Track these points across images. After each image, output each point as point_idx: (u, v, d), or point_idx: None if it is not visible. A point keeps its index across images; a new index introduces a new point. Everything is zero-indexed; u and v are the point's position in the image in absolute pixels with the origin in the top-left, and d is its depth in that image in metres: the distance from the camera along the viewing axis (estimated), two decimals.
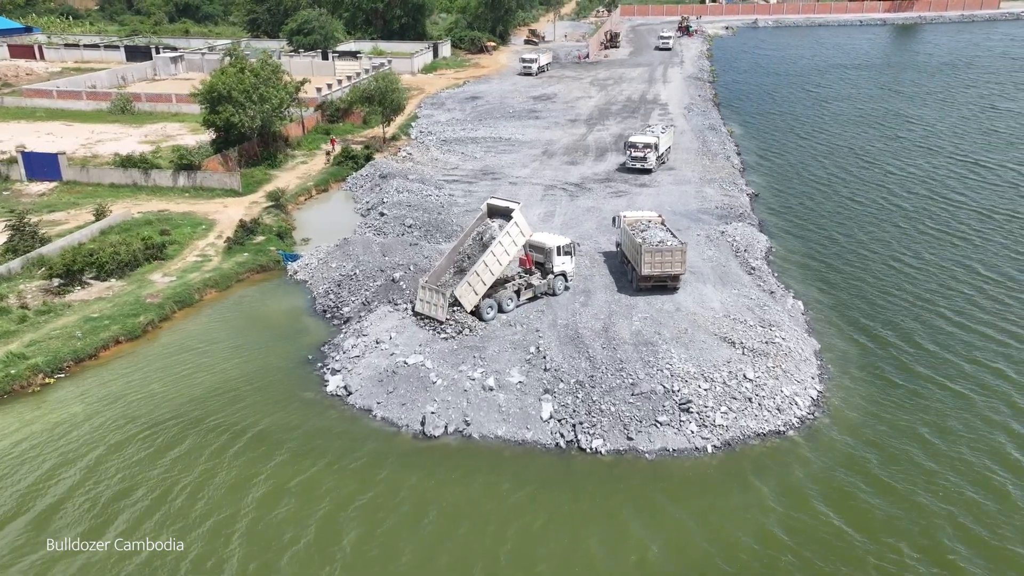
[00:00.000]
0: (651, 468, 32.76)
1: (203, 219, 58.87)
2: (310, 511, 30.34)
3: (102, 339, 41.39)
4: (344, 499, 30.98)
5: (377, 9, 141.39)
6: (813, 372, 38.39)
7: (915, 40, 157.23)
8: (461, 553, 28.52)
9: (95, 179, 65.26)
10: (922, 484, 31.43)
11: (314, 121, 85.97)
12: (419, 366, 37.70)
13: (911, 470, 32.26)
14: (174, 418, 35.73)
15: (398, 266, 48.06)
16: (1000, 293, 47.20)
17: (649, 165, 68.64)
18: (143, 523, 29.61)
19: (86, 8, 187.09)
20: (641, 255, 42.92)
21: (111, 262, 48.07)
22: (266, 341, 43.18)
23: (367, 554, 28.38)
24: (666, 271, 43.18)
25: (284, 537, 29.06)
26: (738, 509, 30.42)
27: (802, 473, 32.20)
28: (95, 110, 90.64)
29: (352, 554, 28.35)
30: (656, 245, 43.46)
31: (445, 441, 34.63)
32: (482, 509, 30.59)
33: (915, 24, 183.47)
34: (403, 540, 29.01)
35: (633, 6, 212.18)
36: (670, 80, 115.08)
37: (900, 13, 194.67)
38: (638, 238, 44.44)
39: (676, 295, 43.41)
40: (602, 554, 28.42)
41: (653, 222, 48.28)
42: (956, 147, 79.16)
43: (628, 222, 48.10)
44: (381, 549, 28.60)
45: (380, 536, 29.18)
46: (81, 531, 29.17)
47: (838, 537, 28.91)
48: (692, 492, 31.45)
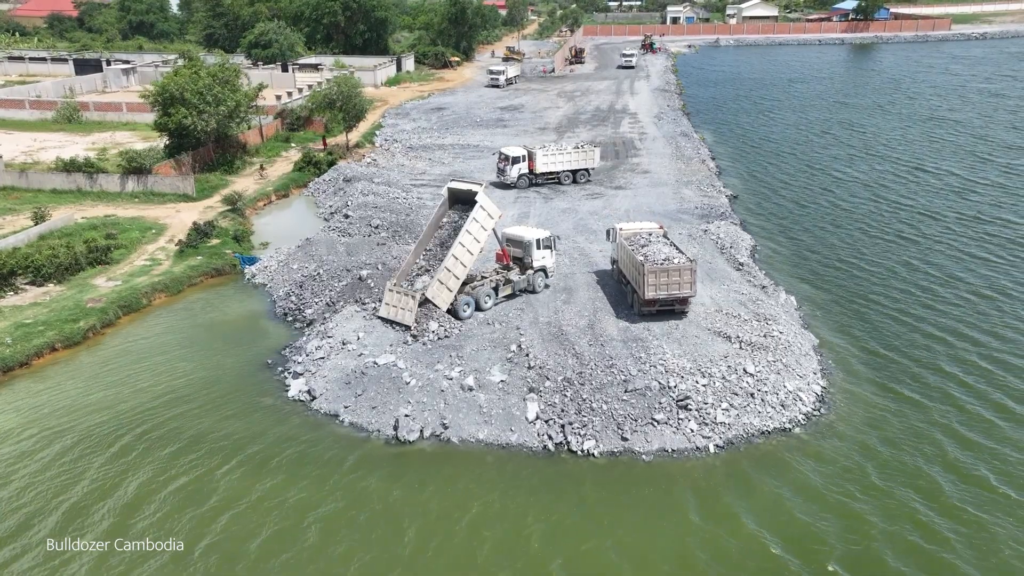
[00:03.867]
0: (649, 470, 29.71)
1: (153, 223, 54.93)
2: (265, 526, 26.72)
3: (35, 346, 37.33)
4: (305, 512, 27.42)
5: (338, 24, 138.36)
6: (815, 367, 35.79)
7: (869, 58, 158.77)
8: (440, 570, 25.11)
9: (35, 184, 60.93)
10: (949, 480, 28.84)
11: (274, 129, 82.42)
12: (390, 366, 34.34)
13: (927, 469, 29.69)
14: (114, 429, 31.88)
15: (365, 265, 44.73)
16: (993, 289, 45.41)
17: (507, 179, 62.69)
18: (70, 535, 25.72)
19: (34, 26, 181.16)
20: (644, 276, 36.47)
21: (48, 265, 43.98)
22: (221, 346, 39.47)
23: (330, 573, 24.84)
24: (673, 293, 36.72)
25: (235, 557, 25.35)
26: (747, 512, 27.47)
27: (814, 473, 29.40)
28: (39, 119, 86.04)
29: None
30: (661, 264, 36.92)
31: (421, 446, 31.26)
32: (463, 520, 27.20)
33: (871, 44, 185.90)
34: (372, 557, 25.50)
35: (596, 26, 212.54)
36: (638, 92, 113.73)
37: (857, 33, 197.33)
38: (639, 255, 38.05)
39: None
40: (599, 568, 25.24)
41: (655, 235, 41.48)
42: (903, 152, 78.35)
43: (625, 235, 41.02)
44: (347, 568, 25.06)
45: (344, 554, 25.65)
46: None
47: (857, 541, 26.10)
48: (696, 496, 28.42)
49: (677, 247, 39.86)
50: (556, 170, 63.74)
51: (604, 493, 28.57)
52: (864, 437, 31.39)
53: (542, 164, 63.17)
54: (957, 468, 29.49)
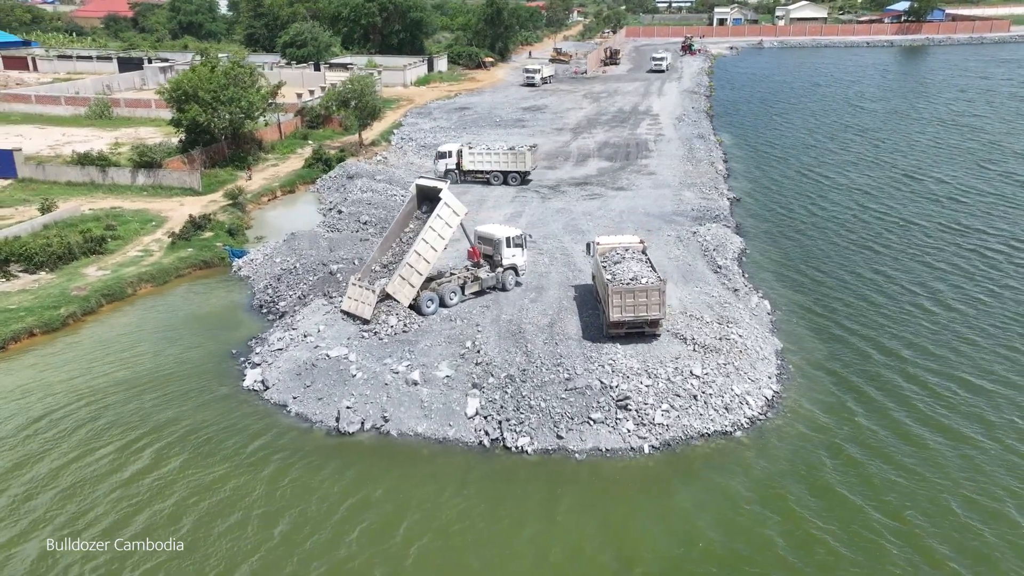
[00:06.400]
0: (579, 469, 29.55)
1: (155, 216, 56.56)
2: (188, 510, 27.34)
3: (12, 331, 38.79)
4: (233, 498, 27.98)
5: (375, 24, 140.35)
6: (771, 372, 35.08)
7: (913, 61, 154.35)
8: (353, 558, 25.40)
9: (52, 177, 63.29)
10: (871, 496, 27.94)
11: (293, 126, 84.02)
12: (341, 359, 34.82)
13: (863, 480, 28.83)
14: (65, 412, 32.88)
15: (341, 260, 45.41)
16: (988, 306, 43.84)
17: (438, 173, 62.97)
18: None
19: (92, 26, 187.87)
20: (609, 297, 34.69)
21: (41, 254, 45.67)
22: (194, 336, 40.48)
23: (238, 550, 25.32)
24: (640, 315, 34.66)
25: (154, 540, 26.02)
26: (663, 514, 27.20)
27: (742, 477, 28.85)
28: (73, 115, 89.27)
29: (227, 559, 25.30)
30: (627, 284, 34.96)
31: (360, 438, 31.64)
32: (382, 511, 27.43)
33: (922, 46, 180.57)
34: (285, 544, 25.93)
35: (639, 27, 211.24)
36: (665, 93, 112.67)
37: (908, 35, 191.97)
38: (607, 273, 36.36)
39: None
40: (500, 560, 25.24)
41: (632, 250, 39.36)
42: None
43: (602, 251, 39.32)
44: (257, 552, 25.52)
45: (256, 538, 26.11)
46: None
47: (764, 549, 25.52)
48: (616, 495, 28.20)
49: (651, 265, 38.11)
50: (483, 169, 64.23)
51: (528, 490, 28.51)
52: (804, 444, 30.69)
53: (468, 162, 64.23)
54: (878, 492, 28.17)
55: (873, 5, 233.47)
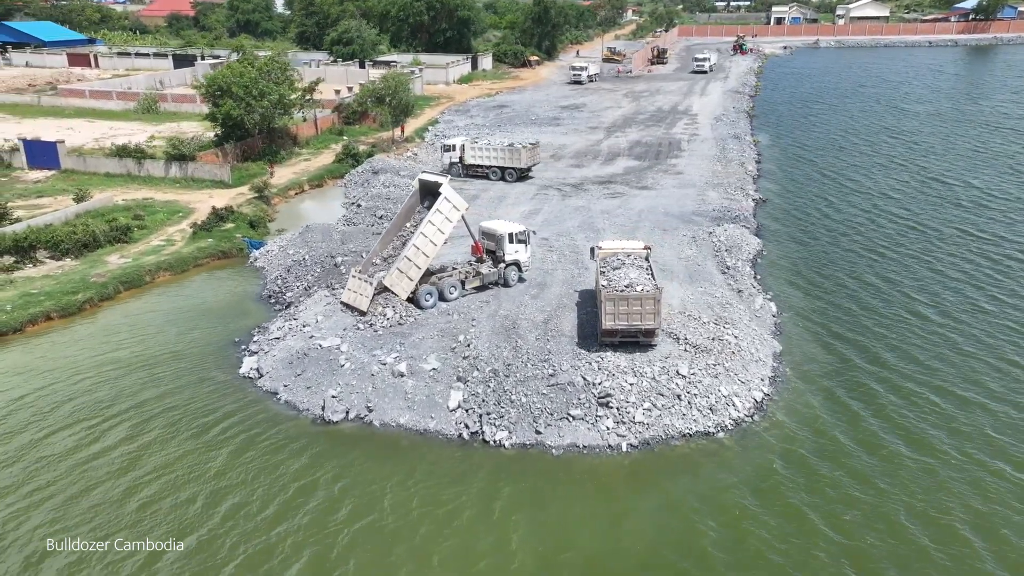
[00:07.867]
0: (554, 465, 29.49)
1: (183, 207, 58.24)
2: (172, 493, 28.17)
3: (30, 314, 40.43)
4: (213, 482, 28.71)
5: (423, 23, 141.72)
6: (764, 374, 34.41)
7: (975, 61, 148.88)
8: (313, 542, 25.85)
9: (92, 168, 65.71)
10: (838, 507, 27.11)
11: (329, 122, 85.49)
12: (332, 349, 35.37)
13: (835, 491, 28.01)
14: (65, 394, 34.14)
15: (350, 253, 46.08)
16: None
17: (444, 165, 64.37)
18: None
19: (155, 25, 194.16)
20: (602, 304, 33.68)
21: (67, 241, 47.48)
22: (202, 323, 41.58)
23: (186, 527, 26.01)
24: (634, 324, 33.47)
25: (127, 519, 26.91)
26: (625, 514, 26.99)
27: (718, 480, 28.41)
28: (123, 109, 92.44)
29: (197, 540, 26.01)
30: (621, 291, 33.76)
31: (343, 427, 32.15)
32: (353, 499, 27.82)
33: (989, 45, 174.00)
34: (255, 528, 26.52)
35: (692, 26, 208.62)
36: (709, 93, 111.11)
37: (974, 35, 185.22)
38: (603, 280, 35.45)
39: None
40: (460, 552, 25.37)
41: (633, 256, 38.07)
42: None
43: (603, 255, 38.31)
44: (202, 528, 26.18)
45: (200, 516, 26.80)
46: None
47: (732, 550, 25.08)
48: (585, 493, 28.04)
49: (651, 272, 36.77)
50: (483, 164, 64.52)
51: (498, 483, 28.55)
52: (787, 447, 30.05)
53: (470, 157, 64.83)
54: (831, 503, 27.54)
55: (941, 3, 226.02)
